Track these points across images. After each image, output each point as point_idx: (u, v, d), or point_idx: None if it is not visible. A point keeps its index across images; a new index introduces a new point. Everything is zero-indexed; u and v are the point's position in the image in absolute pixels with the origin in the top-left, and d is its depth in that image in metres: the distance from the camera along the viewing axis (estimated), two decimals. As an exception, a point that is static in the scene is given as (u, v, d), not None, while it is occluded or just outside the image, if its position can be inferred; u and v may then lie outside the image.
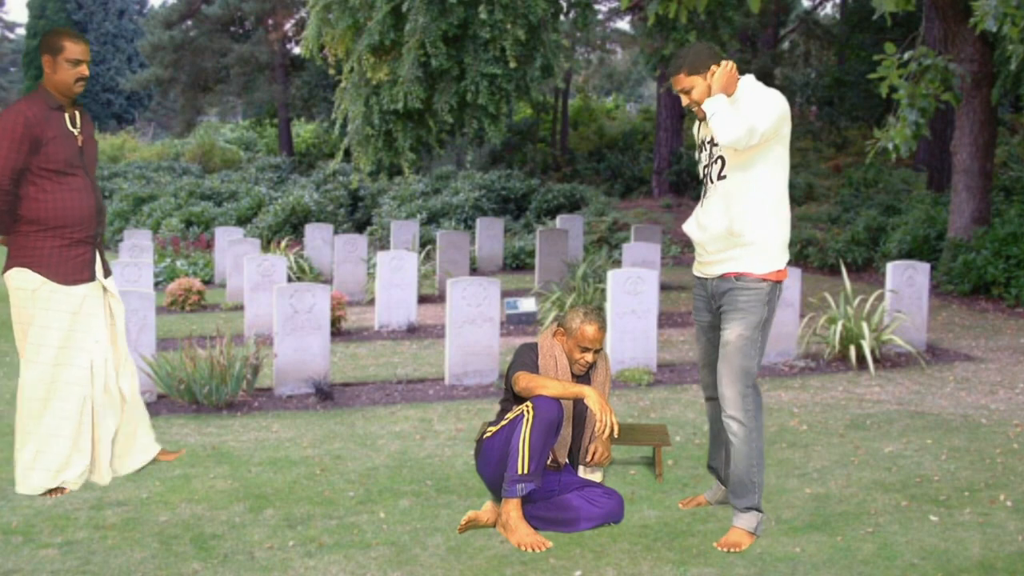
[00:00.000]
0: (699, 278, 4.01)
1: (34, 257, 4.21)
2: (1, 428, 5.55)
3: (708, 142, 3.90)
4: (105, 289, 4.46)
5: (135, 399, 4.62)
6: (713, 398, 4.12)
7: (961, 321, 9.71)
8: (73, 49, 4.15)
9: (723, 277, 3.84)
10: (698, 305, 4.06)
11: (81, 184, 4.23)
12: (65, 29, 4.30)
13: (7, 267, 4.23)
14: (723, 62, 3.76)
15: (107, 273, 4.50)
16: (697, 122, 4.00)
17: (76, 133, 4.25)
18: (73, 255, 4.25)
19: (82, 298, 4.29)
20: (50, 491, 4.29)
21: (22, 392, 4.30)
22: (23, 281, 4.23)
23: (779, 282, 3.85)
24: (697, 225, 3.91)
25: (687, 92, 3.80)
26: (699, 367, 4.17)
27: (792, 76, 25.47)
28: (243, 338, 8.02)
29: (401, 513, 4.11)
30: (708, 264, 3.90)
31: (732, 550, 3.67)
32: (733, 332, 3.78)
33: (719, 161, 3.80)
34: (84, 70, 4.19)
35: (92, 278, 4.35)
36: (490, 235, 14.46)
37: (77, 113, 4.31)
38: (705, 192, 3.91)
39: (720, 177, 3.80)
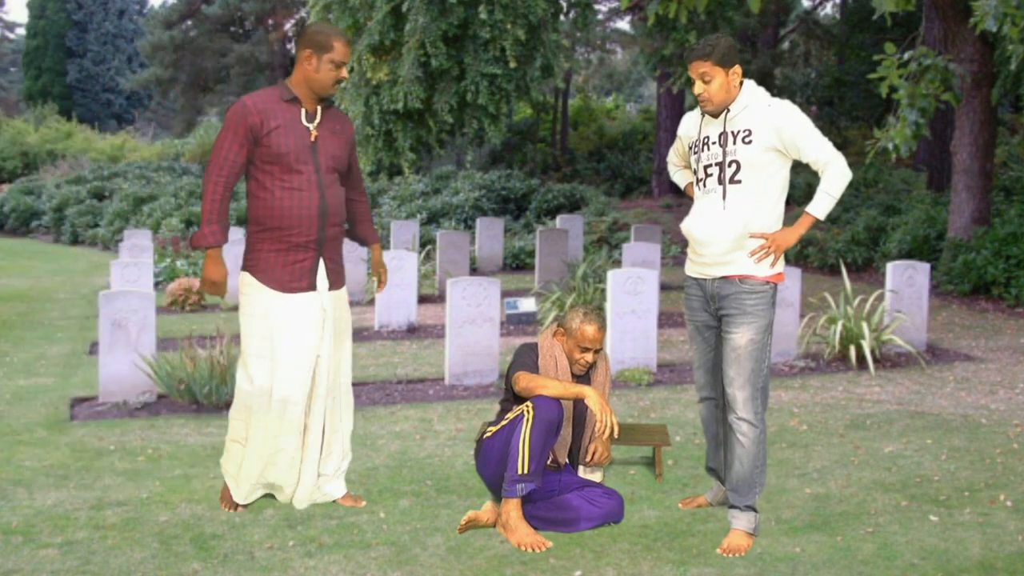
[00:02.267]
0: (695, 279, 3.96)
1: (253, 260, 3.93)
2: (1, 428, 5.56)
3: (715, 143, 3.80)
4: (326, 303, 4.03)
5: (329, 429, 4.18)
6: (708, 399, 4.11)
7: (961, 321, 9.71)
8: (341, 51, 3.88)
9: (726, 279, 3.79)
10: (693, 305, 4.01)
11: (306, 183, 3.86)
12: (334, 28, 3.98)
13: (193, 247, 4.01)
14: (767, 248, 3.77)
15: (335, 284, 4.07)
16: (700, 117, 3.90)
17: (311, 128, 3.91)
18: (291, 260, 3.88)
19: (297, 309, 3.91)
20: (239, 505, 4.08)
21: (240, 401, 4.03)
22: (243, 285, 3.98)
23: (778, 283, 3.86)
24: (702, 225, 3.83)
25: (707, 81, 3.73)
26: (694, 368, 4.14)
27: (792, 76, 25.46)
28: (243, 338, 8.02)
29: (401, 513, 4.11)
30: (710, 265, 3.84)
31: (735, 555, 3.67)
32: (744, 336, 3.76)
33: (734, 165, 3.74)
34: (344, 72, 3.94)
35: (312, 287, 3.95)
36: (490, 235, 14.46)
37: (319, 109, 3.96)
38: (709, 192, 3.81)
39: (734, 181, 3.74)
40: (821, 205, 3.75)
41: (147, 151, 31.01)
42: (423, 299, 10.85)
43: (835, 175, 3.74)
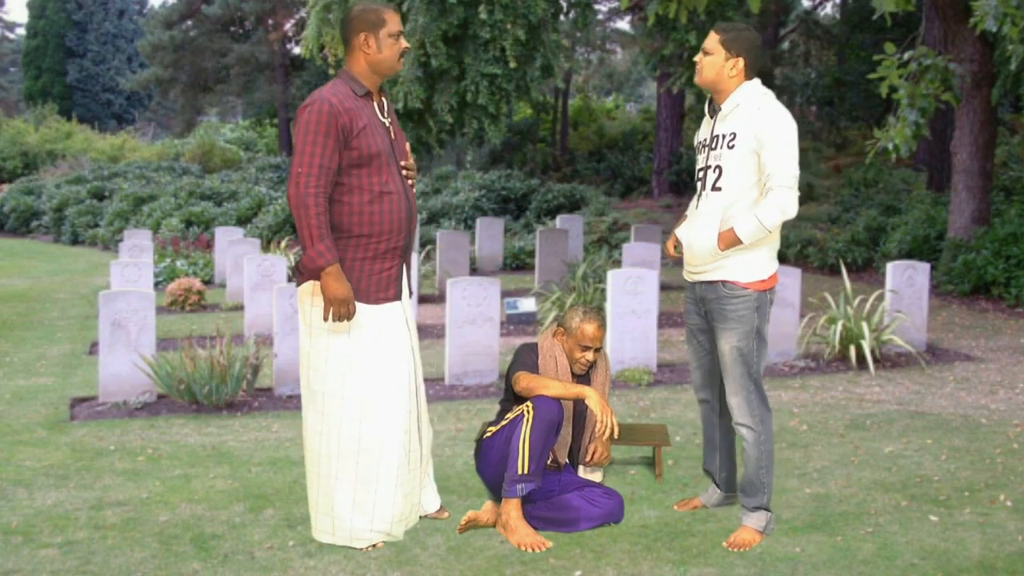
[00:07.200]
0: (688, 281, 3.99)
1: None
2: (1, 428, 5.56)
3: (706, 145, 3.82)
4: (407, 311, 3.79)
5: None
6: (704, 401, 4.12)
7: (961, 321, 9.70)
8: (394, 20, 3.57)
9: (710, 284, 3.80)
10: (688, 308, 4.04)
11: (393, 185, 3.58)
12: (379, 3, 3.64)
13: (300, 281, 3.58)
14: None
15: (408, 290, 3.84)
16: (706, 119, 3.91)
17: (388, 124, 3.64)
18: (378, 269, 3.60)
19: (385, 320, 3.65)
20: (372, 546, 3.73)
21: (328, 431, 3.65)
22: (319, 300, 3.57)
23: (767, 290, 3.78)
24: (683, 231, 3.88)
25: (706, 53, 3.75)
26: (691, 368, 4.17)
27: (792, 76, 25.49)
28: (243, 338, 8.02)
29: (401, 513, 4.10)
30: (696, 272, 3.87)
31: (740, 549, 3.68)
32: (727, 344, 3.77)
33: (717, 170, 3.73)
34: (404, 43, 3.61)
35: (397, 297, 3.69)
36: (490, 235, 14.45)
37: (384, 100, 3.67)
38: (699, 198, 3.83)
39: (715, 188, 3.73)
40: (747, 227, 3.59)
41: (147, 151, 31.02)
42: (423, 299, 10.85)
43: (772, 204, 3.56)
